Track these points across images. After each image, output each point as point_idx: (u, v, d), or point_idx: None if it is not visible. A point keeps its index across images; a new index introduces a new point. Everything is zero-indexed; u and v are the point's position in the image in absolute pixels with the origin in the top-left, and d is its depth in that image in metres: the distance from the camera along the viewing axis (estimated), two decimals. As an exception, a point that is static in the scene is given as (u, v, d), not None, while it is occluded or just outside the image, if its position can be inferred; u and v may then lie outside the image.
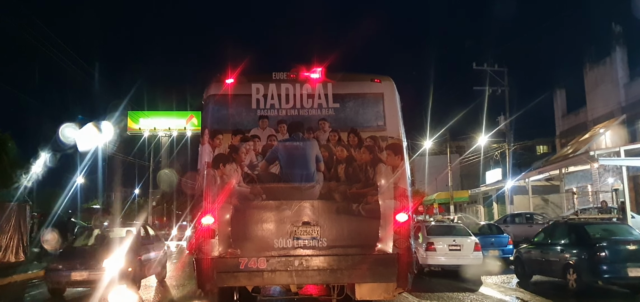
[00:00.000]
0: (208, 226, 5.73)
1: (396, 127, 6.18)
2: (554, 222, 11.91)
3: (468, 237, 12.64)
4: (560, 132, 27.29)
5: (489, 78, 28.08)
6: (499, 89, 27.99)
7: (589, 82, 25.03)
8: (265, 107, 6.12)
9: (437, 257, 12.09)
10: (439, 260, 12.14)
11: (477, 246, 12.30)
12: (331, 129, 6.08)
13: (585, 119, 25.06)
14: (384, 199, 5.88)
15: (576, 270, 9.44)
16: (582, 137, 22.78)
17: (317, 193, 5.86)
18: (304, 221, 5.78)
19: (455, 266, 12.14)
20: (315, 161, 5.96)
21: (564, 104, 27.73)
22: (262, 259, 5.70)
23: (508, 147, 27.73)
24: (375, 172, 5.97)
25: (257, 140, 6.02)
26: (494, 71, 28.31)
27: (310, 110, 6.15)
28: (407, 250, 5.85)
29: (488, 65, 28.28)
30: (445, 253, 12.10)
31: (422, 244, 12.31)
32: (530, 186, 24.18)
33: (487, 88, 27.70)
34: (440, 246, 12.14)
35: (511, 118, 27.48)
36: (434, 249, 12.09)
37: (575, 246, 9.84)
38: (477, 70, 28.41)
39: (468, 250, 12.19)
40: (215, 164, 5.92)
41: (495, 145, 30.35)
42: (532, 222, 19.91)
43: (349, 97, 6.23)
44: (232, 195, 5.80)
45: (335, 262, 5.75)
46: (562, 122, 27.26)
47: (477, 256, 12.16)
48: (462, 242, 12.27)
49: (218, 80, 6.25)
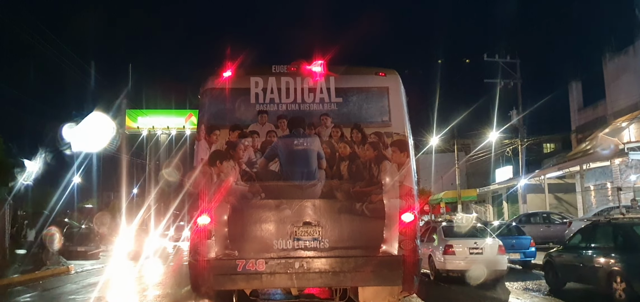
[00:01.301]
0: (204, 226, 5.73)
1: (402, 123, 6.15)
2: (594, 223, 10.98)
3: (490, 239, 11.90)
4: (577, 126, 27.08)
5: (501, 70, 28.09)
6: (511, 81, 27.97)
7: (609, 73, 24.60)
8: (264, 102, 6.10)
9: (457, 262, 11.31)
10: (459, 264, 11.32)
11: (501, 249, 11.52)
12: (333, 124, 6.06)
13: (605, 113, 24.66)
14: (388, 198, 5.86)
15: (625, 278, 8.53)
16: (602, 131, 22.56)
17: (318, 192, 5.84)
18: (304, 221, 5.77)
19: (479, 272, 11.20)
20: (316, 158, 5.95)
21: (580, 97, 27.54)
22: (261, 260, 5.68)
23: (521, 143, 27.63)
24: (379, 170, 5.95)
25: (255, 136, 6.00)
26: (505, 63, 28.27)
27: (311, 105, 6.13)
28: (414, 252, 5.82)
29: (500, 56, 28.26)
30: (466, 257, 11.33)
31: (439, 247, 11.69)
32: (546, 183, 24.06)
33: (499, 81, 27.73)
34: (460, 249, 11.39)
35: (524, 113, 27.43)
36: (452, 252, 11.36)
37: (623, 250, 8.93)
38: (488, 62, 28.46)
39: (491, 253, 11.38)
40: (211, 161, 5.91)
41: (508, 142, 30.07)
42: (549, 222, 19.61)
43: (353, 92, 6.20)
44: (230, 194, 5.78)
45: (338, 264, 5.73)
46: (578, 117, 27.07)
47: (502, 260, 11.40)
48: (484, 245, 11.46)
49: (215, 74, 6.24)
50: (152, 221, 30.35)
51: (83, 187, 38.07)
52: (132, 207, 36.22)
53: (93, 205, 37.87)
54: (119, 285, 13.39)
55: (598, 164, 21.43)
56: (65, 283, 13.62)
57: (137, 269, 17.27)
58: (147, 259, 21.16)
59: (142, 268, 17.61)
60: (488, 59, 28.28)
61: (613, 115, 23.51)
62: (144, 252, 22.06)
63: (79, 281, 14.11)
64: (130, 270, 17.29)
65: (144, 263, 19.37)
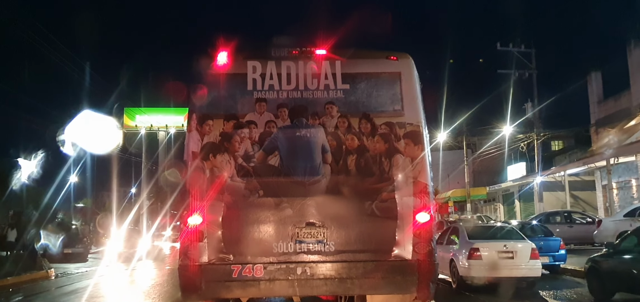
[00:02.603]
0: (195, 227, 5.50)
1: (416, 112, 5.94)
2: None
3: (522, 241, 11.14)
4: (597, 120, 26.64)
5: (515, 60, 27.72)
6: (526, 72, 27.57)
7: (634, 62, 24.03)
8: (263, 89, 5.90)
9: (484, 268, 10.43)
10: (487, 271, 10.45)
11: (535, 252, 10.67)
12: (340, 114, 5.87)
13: (629, 105, 24.10)
14: (401, 196, 5.65)
15: None
16: (626, 124, 22.11)
17: (323, 189, 5.66)
18: (307, 222, 5.57)
19: (508, 279, 10.47)
20: (321, 152, 5.76)
21: (600, 89, 27.13)
22: (259, 266, 5.47)
23: (536, 138, 27.32)
24: (391, 165, 5.74)
25: (253, 126, 5.80)
26: (520, 52, 27.89)
27: (315, 93, 5.93)
28: (429, 256, 5.59)
29: (514, 45, 27.82)
30: (494, 262, 10.41)
31: (462, 251, 10.90)
32: (567, 180, 23.77)
33: (513, 71, 27.33)
34: (487, 253, 10.48)
35: (541, 105, 27.08)
36: (479, 257, 10.45)
37: None
38: (502, 51, 27.98)
39: (523, 258, 10.53)
40: (204, 154, 5.69)
41: (522, 136, 29.74)
42: (571, 221, 19.10)
43: (361, 77, 5.99)
44: (224, 191, 5.59)
45: (345, 269, 5.52)
46: (598, 109, 26.66)
47: (535, 266, 10.55)
48: (515, 248, 10.63)
49: (208, 57, 6.02)
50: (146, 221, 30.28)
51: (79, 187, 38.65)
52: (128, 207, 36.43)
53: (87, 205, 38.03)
54: (101, 295, 12.61)
55: (621, 160, 21.05)
56: (37, 292, 12.81)
57: (128, 273, 17.06)
58: (140, 261, 20.96)
59: (133, 272, 17.43)
60: (501, 48, 27.83)
61: (639, 107, 23.01)
62: (137, 254, 21.88)
63: (54, 289, 13.54)
64: (119, 274, 17.06)
65: (136, 266, 19.16)
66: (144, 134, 36.30)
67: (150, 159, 36.93)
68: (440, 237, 12.26)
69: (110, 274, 17.06)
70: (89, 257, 22.12)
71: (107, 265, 19.80)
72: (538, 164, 26.67)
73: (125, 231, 25.33)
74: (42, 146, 21.45)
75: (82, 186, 38.49)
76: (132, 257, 21.35)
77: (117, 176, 34.23)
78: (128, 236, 24.92)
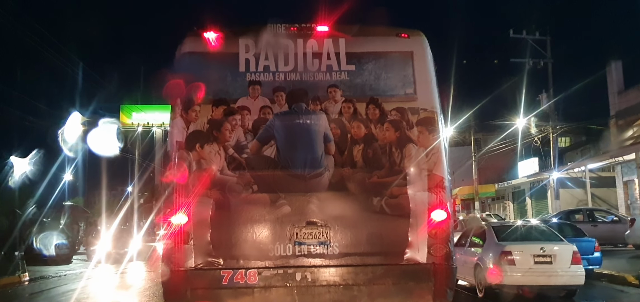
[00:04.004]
0: (180, 227, 5.26)
1: (430, 96, 5.72)
2: None
3: (561, 243, 10.33)
4: (617, 111, 26.24)
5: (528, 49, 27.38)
6: (541, 61, 27.28)
7: (658, 49, 24.02)
8: (257, 70, 5.65)
9: (516, 274, 9.65)
10: (520, 278, 9.67)
11: (577, 256, 9.79)
12: (344, 98, 5.64)
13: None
14: (415, 191, 5.43)
15: None
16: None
17: (325, 183, 5.44)
18: (308, 221, 5.34)
19: (546, 288, 9.80)
20: (323, 141, 5.53)
21: (620, 79, 26.72)
22: (253, 271, 5.22)
23: (552, 131, 26.98)
24: (402, 156, 5.52)
25: (246, 113, 5.55)
26: (534, 40, 27.56)
27: (316, 74, 5.68)
28: (447, 258, 5.39)
29: (528, 33, 27.46)
30: (529, 267, 9.64)
31: (489, 254, 10.15)
32: (588, 176, 23.51)
33: (527, 60, 26.99)
34: (520, 257, 9.69)
35: (557, 97, 26.73)
36: (512, 262, 9.64)
37: None
38: (515, 39, 27.60)
39: (563, 262, 9.72)
40: (189, 144, 5.43)
41: (537, 130, 29.40)
42: (595, 220, 18.65)
43: (368, 57, 5.76)
44: (213, 186, 5.34)
45: (350, 275, 5.30)
46: (619, 100, 26.27)
47: (577, 272, 9.70)
48: (554, 251, 9.86)
49: (195, 34, 5.78)
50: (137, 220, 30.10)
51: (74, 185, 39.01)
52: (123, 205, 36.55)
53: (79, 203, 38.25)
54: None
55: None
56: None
57: (114, 276, 16.70)
58: (131, 262, 20.66)
59: (120, 275, 17.07)
60: (514, 36, 27.44)
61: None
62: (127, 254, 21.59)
63: (24, 296, 12.97)
64: (103, 278, 16.70)
65: (125, 268, 18.83)
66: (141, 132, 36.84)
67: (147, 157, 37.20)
68: (460, 238, 11.74)
69: (93, 278, 16.64)
70: (74, 259, 21.77)
71: (93, 267, 19.49)
72: (554, 159, 26.44)
73: (115, 231, 25.03)
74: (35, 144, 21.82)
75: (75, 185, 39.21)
76: (122, 258, 21.06)
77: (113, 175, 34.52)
78: (118, 235, 24.63)
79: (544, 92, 29.66)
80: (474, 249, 10.91)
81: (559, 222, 15.29)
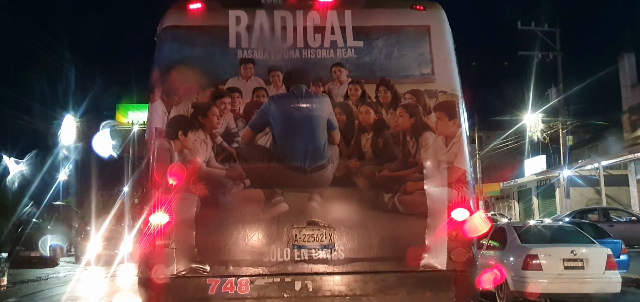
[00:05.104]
0: (159, 228, 4.91)
1: (450, 77, 5.42)
2: None
3: (593, 246, 9.70)
4: (630, 106, 26.53)
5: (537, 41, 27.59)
6: (550, 54, 27.41)
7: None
8: (250, 47, 5.32)
9: (544, 281, 9.02)
10: (548, 285, 9.02)
11: (612, 261, 9.21)
12: (351, 79, 5.31)
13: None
14: (432, 186, 5.08)
15: None
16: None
17: (329, 177, 5.12)
18: (309, 221, 5.01)
19: (577, 297, 9.19)
20: (326, 128, 5.21)
21: (633, 72, 27.17)
22: (244, 279, 4.87)
23: (561, 127, 27.06)
24: (418, 145, 5.18)
25: (237, 95, 5.22)
26: (543, 32, 27.71)
27: (319, 51, 5.35)
28: (469, 264, 5.05)
29: (536, 24, 27.60)
30: (559, 273, 9.01)
31: (511, 259, 9.59)
32: (601, 174, 23.31)
33: (536, 53, 27.22)
34: (548, 261, 9.10)
35: (567, 92, 26.79)
36: (538, 267, 9.04)
37: None
38: (523, 31, 27.76)
39: (596, 267, 9.09)
40: (171, 131, 5.08)
41: (545, 126, 29.33)
42: (611, 221, 18.40)
43: (378, 32, 5.43)
44: (198, 180, 5.01)
45: (358, 284, 4.98)
46: (632, 94, 26.63)
47: (612, 279, 9.08)
48: (586, 255, 9.21)
49: (179, 6, 5.53)
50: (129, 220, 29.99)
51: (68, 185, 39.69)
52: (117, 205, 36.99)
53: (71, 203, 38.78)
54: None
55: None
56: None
57: (99, 281, 16.37)
58: (122, 264, 20.40)
59: (107, 278, 16.74)
60: (522, 28, 27.60)
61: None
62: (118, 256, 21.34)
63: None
64: (90, 283, 16.31)
65: (115, 270, 18.48)
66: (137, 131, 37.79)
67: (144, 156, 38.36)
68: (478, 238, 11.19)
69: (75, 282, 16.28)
70: (62, 261, 21.51)
71: (81, 270, 19.38)
72: (564, 155, 26.54)
73: (106, 231, 24.89)
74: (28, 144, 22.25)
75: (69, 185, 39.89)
76: (113, 259, 20.82)
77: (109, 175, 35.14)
78: (109, 236, 24.45)
79: (553, 87, 29.78)
80: (491, 253, 10.36)
81: (579, 222, 14.82)
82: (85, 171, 39.01)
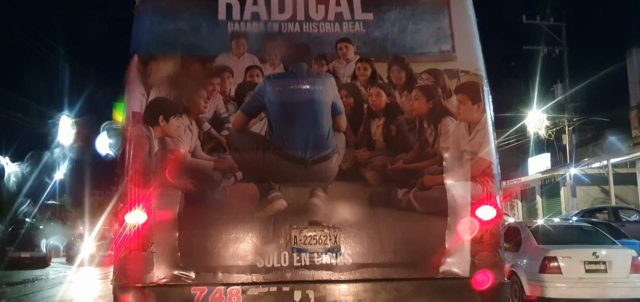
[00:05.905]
0: (137, 228, 4.48)
1: (473, 55, 5.01)
2: None
3: (616, 247, 9.42)
4: (638, 102, 26.53)
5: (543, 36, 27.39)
6: (556, 48, 27.28)
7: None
8: (242, 19, 4.92)
9: (564, 286, 8.72)
10: (569, 290, 8.70)
11: (637, 263, 8.88)
12: (359, 57, 4.90)
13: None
14: (454, 181, 4.68)
15: None
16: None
17: (333, 170, 4.74)
18: (311, 220, 4.63)
19: None
20: (330, 113, 4.80)
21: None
22: (235, 288, 4.46)
23: (567, 123, 26.90)
24: (437, 133, 4.79)
25: (227, 75, 4.81)
26: (549, 26, 27.54)
27: (322, 25, 4.95)
28: (496, 270, 4.63)
29: (542, 18, 27.43)
30: (580, 277, 8.70)
31: (525, 260, 9.36)
32: (610, 171, 23.18)
33: (542, 47, 27.14)
34: (568, 264, 8.73)
35: (574, 88, 26.59)
36: (557, 270, 8.71)
37: None
38: (528, 25, 27.64)
39: (621, 270, 8.76)
40: (150, 116, 4.64)
41: (550, 123, 29.36)
42: (621, 220, 18.05)
43: (390, 3, 5.02)
44: (182, 173, 4.60)
45: (368, 293, 4.59)
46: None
47: (638, 283, 8.79)
48: (609, 257, 8.90)
49: None
50: None
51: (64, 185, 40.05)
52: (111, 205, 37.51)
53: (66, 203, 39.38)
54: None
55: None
56: None
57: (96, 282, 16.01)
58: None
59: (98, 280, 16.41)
60: (527, 22, 27.49)
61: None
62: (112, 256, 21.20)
63: None
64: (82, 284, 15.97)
65: (109, 272, 18.12)
66: None
67: None
68: None
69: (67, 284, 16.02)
70: (53, 262, 21.51)
71: (74, 271, 19.42)
72: (570, 153, 26.62)
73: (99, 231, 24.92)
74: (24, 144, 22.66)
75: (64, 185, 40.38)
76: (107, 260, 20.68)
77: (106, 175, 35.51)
78: (103, 236, 24.47)
79: (559, 82, 29.67)
80: (508, 254, 9.85)
81: (589, 221, 14.52)
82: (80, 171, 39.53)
